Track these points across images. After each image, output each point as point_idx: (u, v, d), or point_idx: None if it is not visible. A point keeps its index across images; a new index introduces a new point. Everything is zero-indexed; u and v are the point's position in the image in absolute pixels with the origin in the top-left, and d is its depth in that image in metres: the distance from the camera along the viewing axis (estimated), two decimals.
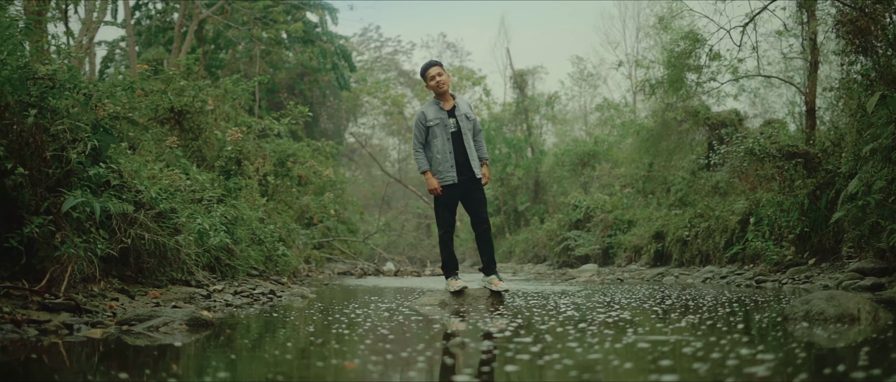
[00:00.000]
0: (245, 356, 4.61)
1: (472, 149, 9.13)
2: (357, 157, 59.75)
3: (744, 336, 5.08)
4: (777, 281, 13.75)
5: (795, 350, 4.47)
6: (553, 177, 38.46)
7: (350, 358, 4.32)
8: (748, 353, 4.21)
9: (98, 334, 5.66)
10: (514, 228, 40.39)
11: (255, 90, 31.92)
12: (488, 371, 3.94)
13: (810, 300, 6.20)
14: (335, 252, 27.16)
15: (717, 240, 19.26)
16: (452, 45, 59.90)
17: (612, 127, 38.71)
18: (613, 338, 5.03)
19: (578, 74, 48.22)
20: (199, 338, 5.46)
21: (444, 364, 4.13)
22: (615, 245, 26.16)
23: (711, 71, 20.82)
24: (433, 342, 5.10)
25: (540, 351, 4.47)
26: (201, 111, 16.83)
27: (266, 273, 14.38)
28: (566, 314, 7.19)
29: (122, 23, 33.14)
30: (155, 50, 30.40)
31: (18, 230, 7.16)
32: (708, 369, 3.75)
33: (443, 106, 9.17)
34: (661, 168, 26.63)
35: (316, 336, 5.52)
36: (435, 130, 9.09)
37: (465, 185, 9.13)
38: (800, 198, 15.16)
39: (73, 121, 7.96)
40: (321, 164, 25.33)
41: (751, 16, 18.72)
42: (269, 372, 3.95)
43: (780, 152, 15.24)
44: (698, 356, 4.19)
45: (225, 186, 14.28)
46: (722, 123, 24.11)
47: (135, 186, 9.24)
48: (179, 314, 6.25)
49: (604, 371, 3.83)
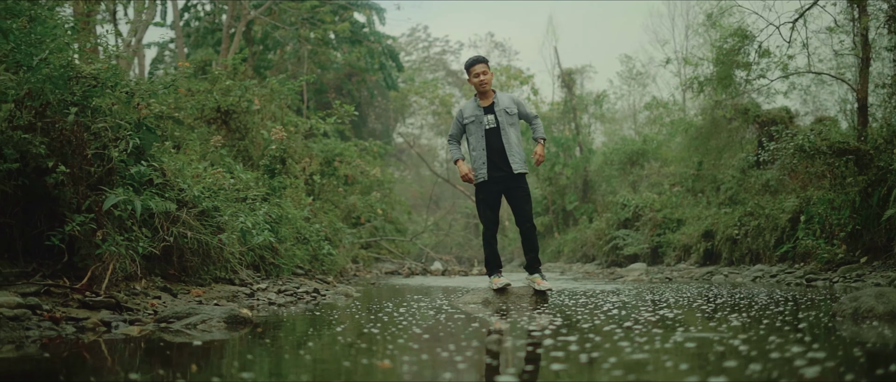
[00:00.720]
0: (281, 353, 4.54)
1: (512, 144, 9.01)
2: (405, 157, 59.86)
3: (793, 334, 4.93)
4: (828, 280, 13.51)
5: (843, 349, 4.31)
6: (602, 176, 38.24)
7: (386, 357, 4.24)
8: (798, 351, 4.07)
9: (136, 331, 5.63)
10: (563, 227, 40.17)
11: (303, 91, 32.05)
12: (530, 370, 3.83)
13: (859, 298, 6.02)
14: (383, 252, 27.16)
15: (767, 238, 18.98)
16: (500, 44, 59.80)
17: (660, 125, 38.38)
18: (662, 337, 4.89)
19: (627, 72, 47.95)
20: (237, 336, 5.41)
21: (482, 363, 4.04)
22: (664, 244, 25.92)
23: (761, 68, 20.55)
24: (472, 340, 5.00)
25: (581, 349, 4.36)
26: (248, 111, 16.88)
27: (311, 272, 14.37)
28: (610, 312, 7.05)
29: (172, 25, 33.44)
30: (204, 51, 30.58)
31: (60, 228, 7.17)
32: (758, 368, 3.62)
33: (480, 103, 9.10)
34: (711, 167, 26.31)
35: (354, 335, 5.44)
36: (470, 127, 9.08)
37: (505, 182, 9.03)
38: (851, 195, 14.87)
39: (114, 119, 7.95)
40: (368, 164, 25.35)
41: (800, 12, 18.44)
42: (303, 370, 3.88)
43: (831, 149, 14.97)
44: (746, 354, 4.06)
45: (269, 184, 14.28)
46: (772, 120, 23.78)
47: (178, 184, 9.24)
48: (218, 311, 6.22)
49: (649, 370, 3.71)
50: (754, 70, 20.43)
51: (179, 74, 16.55)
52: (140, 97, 8.99)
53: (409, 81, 47.73)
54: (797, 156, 15.49)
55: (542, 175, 41.16)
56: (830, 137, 15.71)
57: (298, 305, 9.14)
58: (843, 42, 21.20)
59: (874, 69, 19.98)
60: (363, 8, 37.70)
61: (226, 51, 26.61)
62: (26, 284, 6.72)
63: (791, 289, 11.33)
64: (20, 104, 7.14)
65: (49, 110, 7.37)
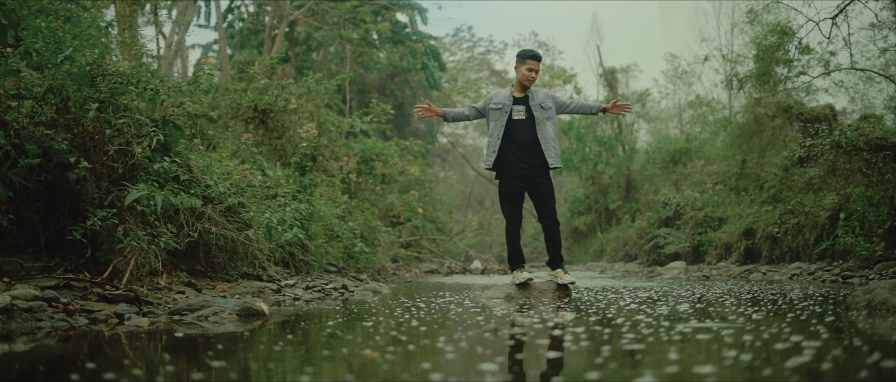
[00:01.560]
0: (282, 344, 4.57)
1: (548, 139, 8.98)
2: (450, 157, 59.90)
3: (799, 325, 4.87)
4: (864, 277, 13.33)
5: (846, 338, 4.26)
6: (644, 175, 38.00)
7: (386, 348, 4.25)
8: (798, 340, 4.03)
9: (145, 323, 5.70)
10: (606, 226, 39.97)
11: (346, 91, 32.20)
12: (518, 359, 3.84)
13: (873, 290, 5.96)
14: (424, 251, 27.22)
15: (807, 236, 18.76)
16: (544, 43, 59.47)
17: (704, 124, 38.07)
18: (668, 328, 4.87)
19: (672, 71, 47.59)
20: (247, 328, 5.44)
21: (468, 353, 4.04)
22: (705, 243, 25.69)
23: (802, 65, 20.34)
24: (468, 331, 5.00)
25: (579, 338, 4.36)
26: (285, 110, 17.01)
27: (345, 270, 14.44)
28: (629, 306, 7.02)
29: (215, 26, 33.75)
30: (247, 52, 30.84)
31: (82, 224, 7.27)
32: (751, 356, 3.59)
33: (513, 92, 9.09)
34: (754, 165, 26.05)
35: (362, 328, 5.46)
36: (495, 113, 9.05)
37: (525, 176, 9.00)
38: (889, 192, 14.67)
39: (137, 116, 8.04)
40: (408, 163, 25.40)
41: (840, 7, 18.22)
42: (290, 358, 3.91)
43: (868, 145, 14.77)
44: (744, 344, 4.04)
45: (300, 182, 14.37)
46: (816, 118, 23.49)
47: (204, 181, 9.32)
48: (231, 304, 6.27)
49: (639, 358, 3.70)
50: (795, 67, 20.22)
51: (203, 68, 16.59)
52: (166, 95, 9.09)
53: (452, 81, 47.73)
54: (834, 152, 15.29)
55: (584, 175, 41.00)
56: (868, 133, 15.50)
57: (325, 301, 9.17)
58: (886, 37, 20.93)
59: None
60: (405, 8, 37.81)
61: (268, 51, 26.82)
62: (47, 278, 6.82)
63: (825, 286, 11.20)
64: (41, 100, 7.25)
65: (71, 107, 7.48)
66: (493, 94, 9.24)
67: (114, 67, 8.45)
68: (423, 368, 3.42)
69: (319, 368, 3.59)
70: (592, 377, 3.12)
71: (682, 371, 3.24)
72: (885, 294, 5.82)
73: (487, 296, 8.99)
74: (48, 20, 8.15)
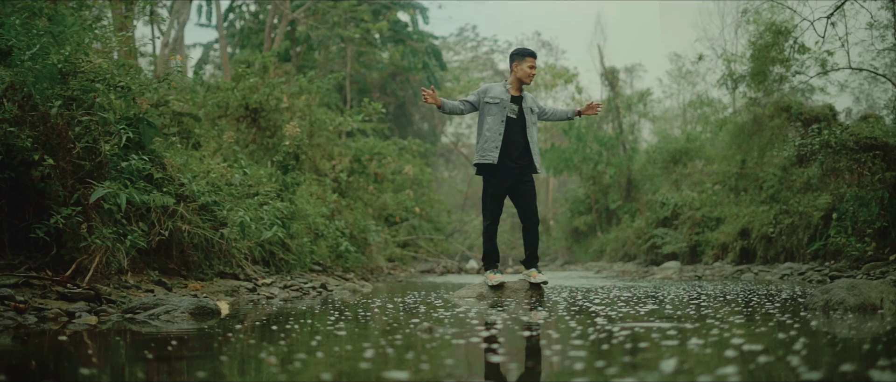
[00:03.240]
0: (214, 341, 4.53)
1: (534, 142, 8.98)
2: (454, 157, 59.88)
3: (747, 326, 4.81)
4: (851, 277, 13.26)
5: (785, 338, 4.21)
6: (645, 175, 37.91)
7: (312, 349, 4.21)
8: (738, 342, 3.98)
9: (94, 321, 5.66)
10: (606, 227, 39.88)
11: (347, 90, 32.21)
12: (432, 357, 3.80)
13: (830, 290, 5.91)
14: (421, 251, 27.18)
15: (801, 236, 18.71)
16: (547, 43, 59.45)
17: (705, 123, 38.00)
18: (611, 328, 4.83)
19: (676, 71, 47.54)
20: (197, 327, 5.40)
21: (388, 353, 4.00)
22: (703, 243, 25.64)
23: (799, 64, 20.27)
24: (415, 330, 4.96)
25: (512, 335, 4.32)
26: (276, 109, 16.99)
27: (331, 269, 14.40)
28: (589, 309, 6.96)
29: (216, 25, 33.77)
30: (248, 51, 30.86)
31: (46, 221, 7.24)
32: (681, 353, 3.55)
33: (510, 90, 9.03)
34: (754, 165, 25.98)
35: (310, 327, 5.42)
36: (492, 108, 8.91)
37: (515, 176, 8.95)
38: (880, 192, 14.59)
39: (100, 113, 8.01)
40: (407, 162, 25.38)
41: (835, 6, 18.14)
42: (212, 359, 3.87)
43: (858, 144, 14.68)
44: (687, 341, 3.99)
45: (282, 180, 14.34)
46: (815, 118, 23.39)
47: (179, 179, 9.29)
48: (184, 302, 6.23)
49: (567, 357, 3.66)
50: (791, 66, 20.15)
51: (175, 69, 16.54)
52: (139, 92, 9.06)
53: (455, 81, 47.72)
54: (824, 151, 15.22)
55: (585, 174, 40.90)
56: (860, 132, 15.41)
57: (302, 300, 9.13)
58: (884, 37, 20.85)
59: None
60: (406, 7, 37.81)
61: (268, 50, 26.81)
62: (8, 275, 6.79)
63: (809, 286, 11.14)
64: (2, 96, 7.22)
65: (38, 104, 7.45)
66: (486, 87, 9.10)
67: (86, 65, 8.43)
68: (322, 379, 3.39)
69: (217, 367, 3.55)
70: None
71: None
72: (842, 294, 5.76)
73: (460, 295, 8.95)
74: (23, 17, 8.13)
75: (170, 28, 23.65)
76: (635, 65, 50.39)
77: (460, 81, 48.62)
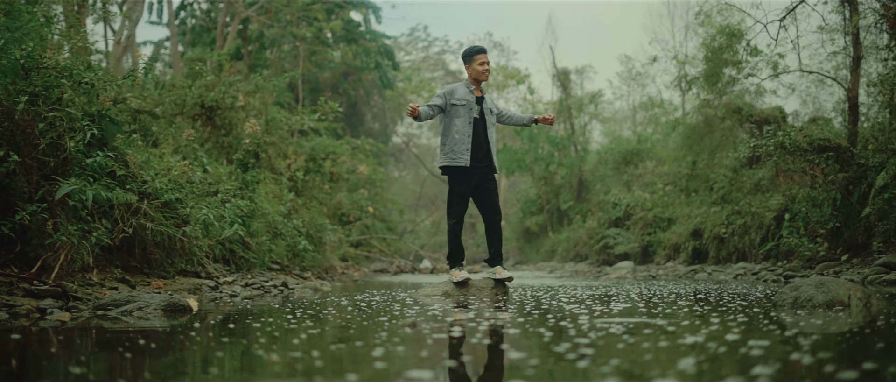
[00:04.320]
0: (192, 340, 4.53)
1: (493, 142, 9.06)
2: (404, 157, 59.88)
3: (717, 321, 4.91)
4: (805, 276, 13.48)
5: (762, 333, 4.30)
6: (596, 176, 38.16)
7: (295, 344, 4.24)
8: (733, 338, 4.06)
9: (67, 318, 5.63)
10: (557, 227, 40.07)
11: (299, 89, 32.10)
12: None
13: (799, 287, 6.03)
14: (374, 250, 27.17)
15: (753, 237, 18.98)
16: (499, 44, 59.58)
17: (656, 125, 38.35)
18: (599, 324, 4.90)
19: (627, 73, 47.89)
20: (170, 324, 5.39)
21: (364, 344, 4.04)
22: (654, 243, 25.90)
23: (751, 66, 20.53)
24: (381, 330, 5.00)
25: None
26: (232, 107, 16.91)
27: (289, 268, 14.38)
28: (544, 304, 7.04)
29: (167, 23, 33.49)
30: (199, 49, 30.63)
31: (10, 218, 7.18)
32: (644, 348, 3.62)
33: (473, 91, 9.08)
34: (705, 166, 26.28)
35: (280, 323, 5.44)
36: (459, 110, 8.94)
37: (480, 175, 9.02)
38: (832, 193, 14.85)
39: (69, 110, 7.96)
40: (360, 161, 25.37)
41: (788, 10, 18.40)
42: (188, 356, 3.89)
43: (812, 146, 14.94)
44: (681, 337, 4.07)
45: (242, 178, 14.29)
46: (765, 119, 23.72)
47: (141, 176, 9.24)
48: (156, 299, 6.22)
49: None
50: (744, 68, 20.41)
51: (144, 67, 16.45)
52: (102, 89, 9.00)
53: (407, 81, 47.72)
54: (778, 153, 15.46)
55: (536, 175, 41.09)
56: (812, 134, 15.67)
57: (265, 298, 9.12)
58: (834, 41, 21.17)
59: (871, 69, 19.94)
60: (359, 7, 37.73)
61: (220, 49, 26.64)
62: None
63: (766, 286, 11.31)
64: None
65: (2, 100, 7.39)
66: (450, 88, 9.09)
67: (49, 61, 8.36)
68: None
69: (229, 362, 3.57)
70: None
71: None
72: (810, 292, 5.89)
73: (424, 293, 9.00)
74: None
75: (122, 26, 23.45)
76: (586, 66, 50.73)
77: (412, 81, 48.64)
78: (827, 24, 19.79)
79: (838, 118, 23.66)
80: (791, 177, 16.97)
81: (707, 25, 21.87)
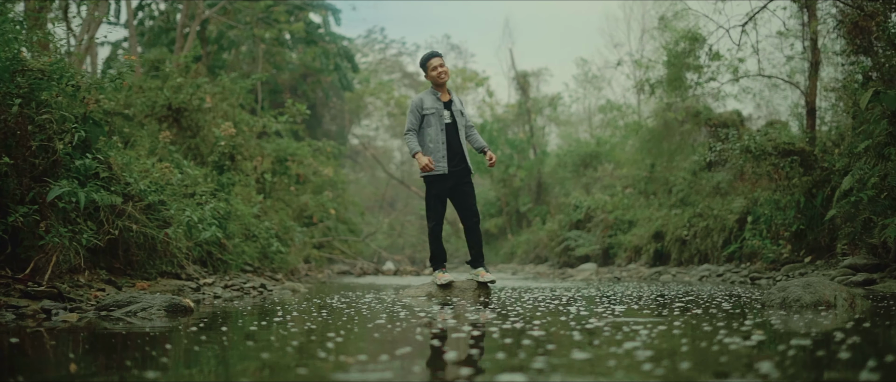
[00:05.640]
0: (213, 339, 4.61)
1: (464, 144, 9.16)
2: (361, 158, 59.80)
3: (711, 320, 5.07)
4: (772, 278, 13.75)
5: (756, 330, 4.46)
6: (555, 178, 38.40)
7: (299, 343, 4.32)
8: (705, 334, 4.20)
9: (74, 318, 5.68)
10: (516, 229, 40.31)
11: (258, 90, 32.01)
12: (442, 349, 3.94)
13: (787, 288, 6.21)
14: (335, 252, 27.17)
15: (715, 239, 19.25)
16: (456, 46, 59.94)
17: (614, 128, 38.67)
18: (604, 324, 5.02)
19: (583, 76, 48.22)
20: (176, 324, 5.46)
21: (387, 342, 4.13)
22: (615, 245, 26.13)
23: (712, 71, 20.82)
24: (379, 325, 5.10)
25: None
26: (199, 109, 16.88)
27: (260, 270, 14.42)
28: (529, 304, 7.17)
29: (125, 23, 33.23)
30: (157, 50, 30.41)
31: (2, 220, 7.19)
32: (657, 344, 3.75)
33: (440, 97, 9.18)
34: (663, 169, 26.57)
35: (282, 324, 5.52)
36: (430, 119, 9.05)
37: (456, 177, 9.11)
38: (796, 196, 15.14)
39: (59, 112, 7.98)
40: (322, 164, 25.37)
41: (750, 15, 18.71)
42: (225, 355, 3.97)
43: (777, 150, 15.23)
44: (655, 335, 4.20)
45: (218, 180, 14.30)
46: (723, 123, 24.06)
47: (124, 178, 9.26)
48: (158, 300, 6.28)
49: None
50: (705, 73, 20.69)
51: (124, 65, 16.41)
52: (86, 91, 9.01)
53: (365, 83, 47.72)
54: (744, 157, 15.73)
55: (495, 177, 41.27)
56: (776, 138, 15.97)
57: (245, 300, 9.17)
58: (793, 46, 21.53)
59: (824, 73, 20.31)
60: (318, 8, 37.70)
61: (180, 50, 26.50)
62: None
63: (734, 287, 11.51)
64: None
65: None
66: (417, 100, 9.17)
67: (33, 63, 8.37)
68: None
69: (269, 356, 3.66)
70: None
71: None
72: (798, 292, 6.07)
73: (408, 294, 9.09)
74: None
75: (86, 28, 23.29)
76: (542, 69, 51.02)
77: (370, 84, 48.66)
78: (788, 29, 20.15)
79: (794, 122, 24.05)
80: (756, 181, 17.26)
81: (670, 29, 22.16)
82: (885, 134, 11.30)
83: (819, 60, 18.90)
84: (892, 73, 13.18)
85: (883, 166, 11.39)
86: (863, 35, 15.22)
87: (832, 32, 17.79)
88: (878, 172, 11.43)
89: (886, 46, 14.22)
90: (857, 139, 12.88)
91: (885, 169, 11.33)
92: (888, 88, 11.87)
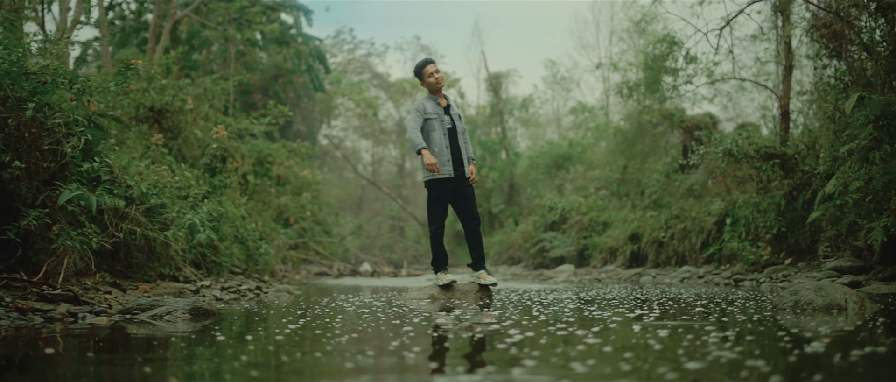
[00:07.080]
0: (250, 341, 4.68)
1: (464, 147, 9.25)
2: (329, 159, 59.67)
3: (731, 327, 5.20)
4: (755, 280, 13.96)
5: (781, 336, 4.59)
6: (527, 180, 38.55)
7: (334, 345, 4.41)
8: (730, 339, 4.33)
9: (104, 321, 5.73)
10: (488, 230, 40.42)
11: (230, 91, 31.93)
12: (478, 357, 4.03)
13: (799, 291, 6.35)
14: (310, 253, 27.15)
15: (694, 241, 19.43)
16: (426, 47, 59.75)
17: (586, 130, 38.87)
18: (601, 326, 5.13)
19: (552, 77, 48.41)
20: (204, 325, 5.53)
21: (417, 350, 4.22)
22: (590, 247, 26.28)
23: (688, 74, 21.01)
24: (417, 328, 5.19)
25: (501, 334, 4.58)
26: (180, 111, 16.85)
27: (248, 271, 14.45)
28: (546, 307, 7.29)
29: (96, 23, 33.00)
30: (128, 51, 30.23)
31: (15, 223, 7.22)
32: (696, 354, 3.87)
33: (440, 102, 9.26)
34: (636, 171, 26.77)
35: (306, 326, 5.60)
36: (433, 123, 9.12)
37: (458, 181, 9.20)
38: (777, 199, 15.36)
39: (67, 115, 8.00)
40: (297, 165, 25.37)
41: (727, 19, 18.93)
42: (272, 356, 4.04)
43: (758, 153, 15.44)
44: (690, 344, 4.32)
45: (210, 183, 14.31)
46: (696, 125, 24.30)
47: (125, 181, 9.29)
48: (181, 303, 6.34)
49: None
50: (681, 76, 20.88)
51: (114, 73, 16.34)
52: (90, 94, 9.03)
53: (336, 84, 47.67)
54: (725, 160, 15.92)
55: None
56: (757, 142, 16.18)
57: (242, 302, 9.23)
58: (767, 50, 21.78)
59: (796, 76, 20.60)
60: (291, 9, 37.66)
61: (152, 50, 26.37)
62: None
63: (720, 289, 11.67)
64: None
65: (4, 106, 7.41)
66: (420, 104, 9.25)
67: (36, 66, 8.38)
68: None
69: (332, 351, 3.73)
70: None
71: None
72: (810, 296, 6.22)
73: (411, 297, 9.18)
74: None
75: (61, 28, 23.16)
76: (511, 70, 51.16)
77: (341, 84, 48.61)
78: (764, 33, 20.41)
79: (764, 124, 24.35)
80: (738, 184, 17.49)
81: (646, 34, 22.37)
82: (870, 138, 11.50)
83: (792, 64, 19.16)
84: (867, 77, 13.46)
85: (867, 169, 11.60)
86: (835, 39, 15.48)
87: (805, 36, 18.03)
88: (862, 175, 11.64)
89: (860, 50, 14.48)
90: (839, 143, 13.08)
91: (869, 173, 11.53)
92: (868, 93, 12.10)
